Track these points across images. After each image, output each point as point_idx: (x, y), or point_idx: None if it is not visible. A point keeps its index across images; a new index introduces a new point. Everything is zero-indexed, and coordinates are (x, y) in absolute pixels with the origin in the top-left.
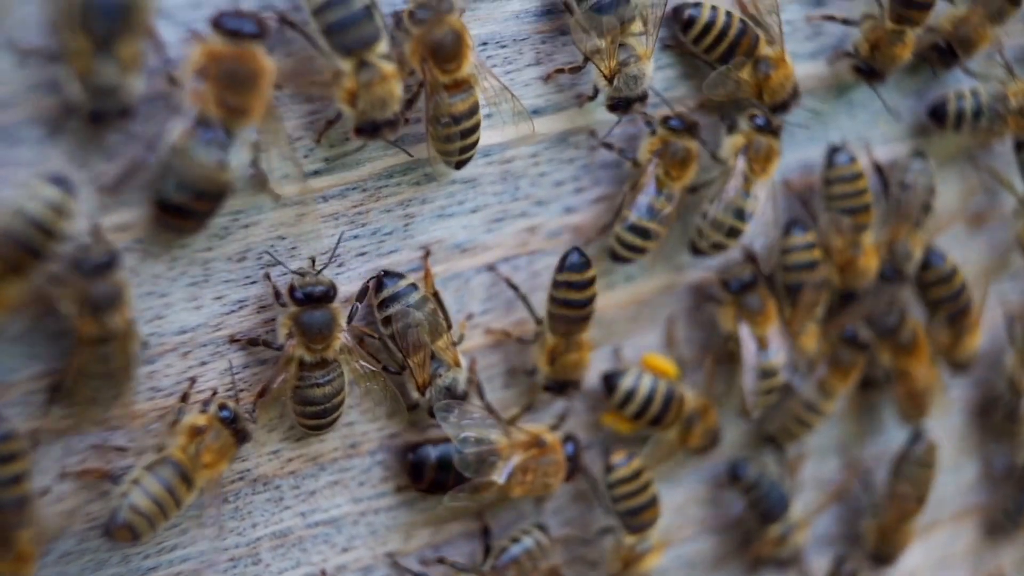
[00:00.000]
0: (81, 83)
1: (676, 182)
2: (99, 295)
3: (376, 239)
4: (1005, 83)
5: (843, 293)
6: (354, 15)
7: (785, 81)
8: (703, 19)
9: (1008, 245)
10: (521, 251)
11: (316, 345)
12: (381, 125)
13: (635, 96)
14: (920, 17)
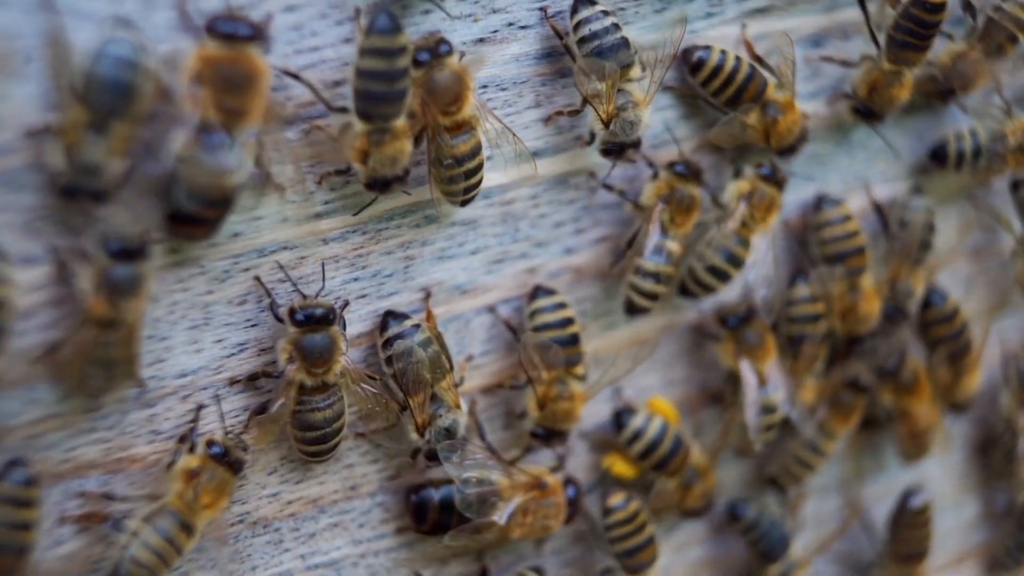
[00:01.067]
0: (66, 154)
1: (679, 228)
2: (120, 278)
3: (376, 281)
4: (1003, 122)
5: (849, 338)
6: (392, 93)
7: (793, 126)
8: (712, 62)
9: (1007, 283)
10: (521, 292)
11: (317, 369)
12: (391, 180)
13: (630, 142)
14: (917, 58)
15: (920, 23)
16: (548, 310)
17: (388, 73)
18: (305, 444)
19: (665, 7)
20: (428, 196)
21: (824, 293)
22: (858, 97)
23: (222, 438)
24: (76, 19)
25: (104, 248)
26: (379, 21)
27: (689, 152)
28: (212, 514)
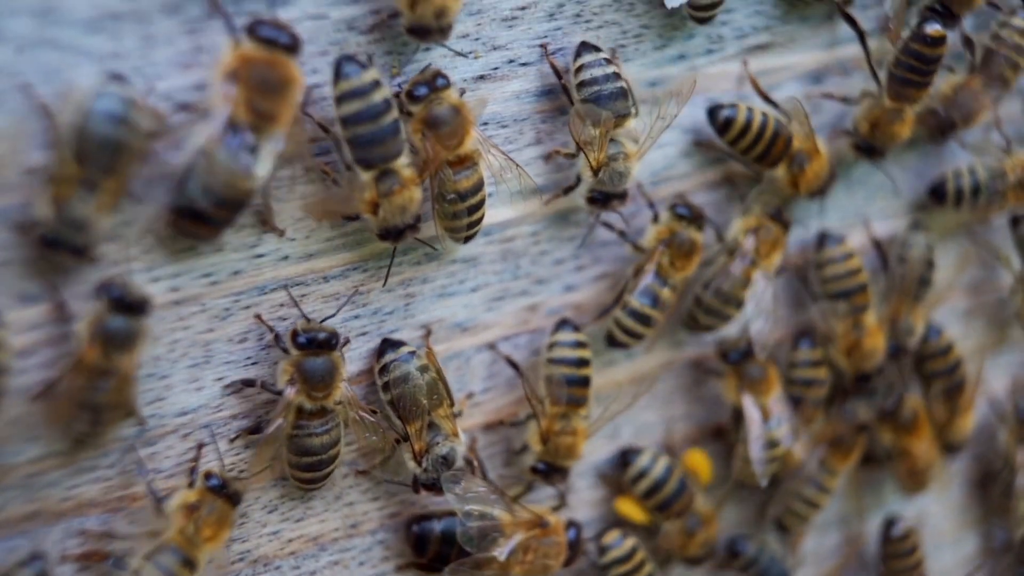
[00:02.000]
0: (53, 207)
1: (679, 272)
2: (116, 330)
3: (377, 319)
4: (1002, 159)
5: (855, 375)
6: (382, 131)
7: (820, 171)
8: (740, 120)
9: (1006, 319)
10: (522, 329)
11: (317, 393)
12: (404, 229)
13: (616, 193)
14: (919, 95)
15: (921, 58)
16: (568, 345)
17: (369, 111)
18: (299, 470)
19: (666, 44)
20: (428, 233)
21: (827, 330)
22: (859, 134)
23: (220, 470)
24: (76, 56)
25: (105, 295)
26: (341, 68)
27: (690, 189)
28: (214, 547)
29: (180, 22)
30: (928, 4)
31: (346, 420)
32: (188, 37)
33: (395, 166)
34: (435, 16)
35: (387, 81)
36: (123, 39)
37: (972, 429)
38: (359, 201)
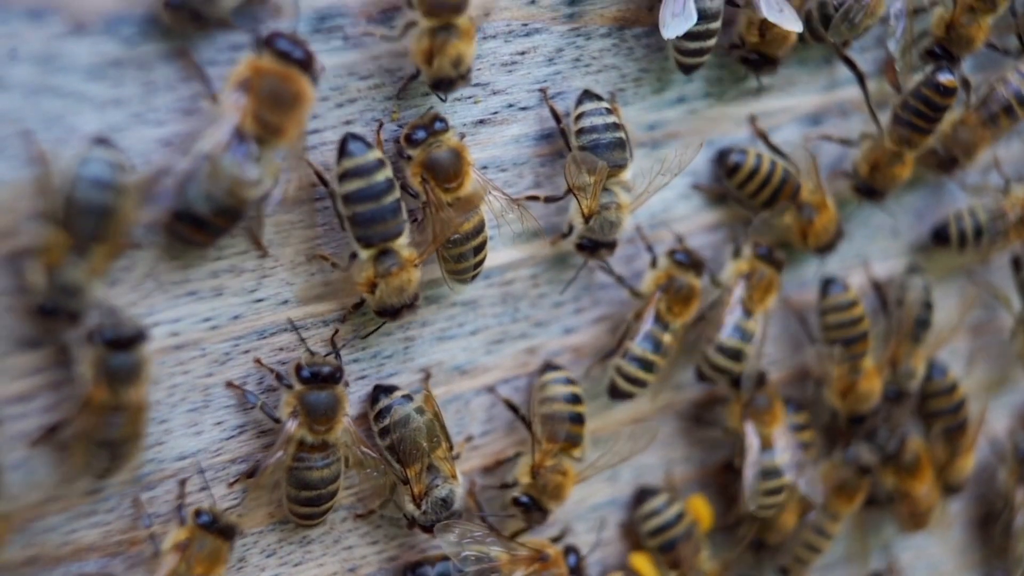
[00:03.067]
0: (46, 274)
1: (677, 318)
2: (119, 366)
3: (376, 362)
4: (1000, 199)
5: (849, 417)
6: (382, 210)
7: (829, 225)
8: (748, 166)
9: (1007, 360)
10: (521, 372)
11: (319, 426)
12: (400, 308)
13: (605, 241)
14: (921, 140)
15: (930, 105)
16: (560, 383)
17: (371, 190)
18: (298, 504)
19: (665, 87)
20: (433, 275)
21: (822, 373)
22: (859, 176)
23: (209, 506)
24: (77, 102)
25: (99, 338)
26: (347, 146)
27: (689, 231)
28: None
29: (181, 67)
30: (928, 47)
31: (347, 457)
32: (189, 83)
33: (395, 245)
34: (453, 65)
35: (389, 163)
36: (124, 85)
37: (972, 470)
38: (358, 282)
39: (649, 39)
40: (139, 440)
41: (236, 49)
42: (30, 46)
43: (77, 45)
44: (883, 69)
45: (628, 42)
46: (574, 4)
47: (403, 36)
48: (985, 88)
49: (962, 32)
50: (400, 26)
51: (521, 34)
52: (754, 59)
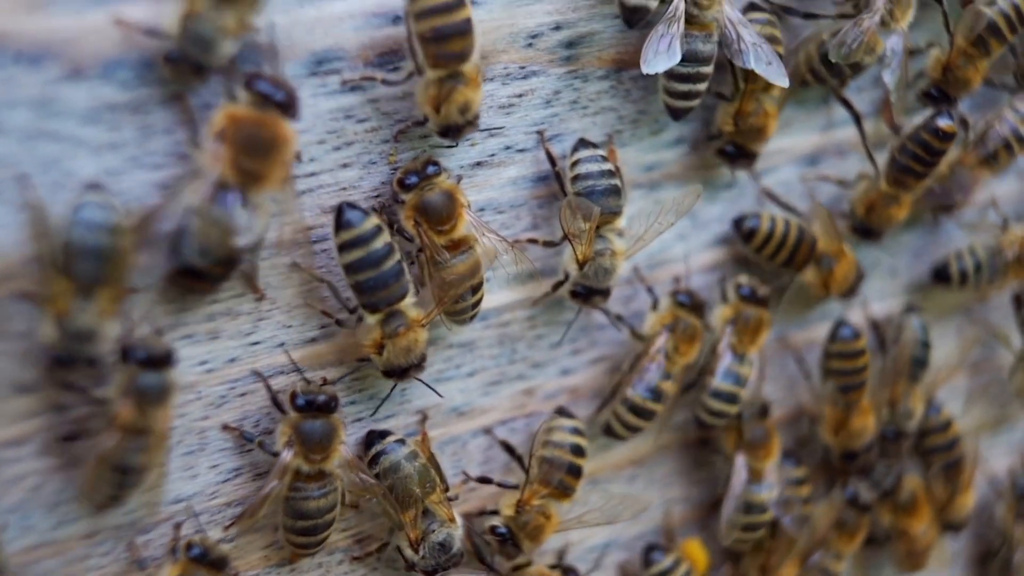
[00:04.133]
0: (56, 324)
1: (682, 358)
2: (149, 386)
3: (373, 404)
4: (998, 236)
5: (842, 453)
6: (384, 276)
7: (849, 272)
8: (763, 230)
9: (1005, 398)
10: (518, 413)
11: (315, 455)
12: (408, 369)
13: (599, 288)
14: (917, 184)
15: (928, 149)
16: (567, 430)
17: (371, 259)
18: (294, 534)
19: (662, 128)
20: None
21: (816, 410)
22: (856, 216)
23: (200, 539)
24: (74, 147)
25: (131, 358)
26: (343, 218)
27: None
28: None
29: (178, 111)
30: (925, 89)
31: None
32: (186, 127)
33: (401, 307)
34: (460, 112)
35: (385, 225)
36: (121, 129)
37: (972, 508)
38: (365, 344)
39: (646, 81)
40: (151, 471)
41: (232, 99)
42: (27, 91)
43: (74, 89)
44: (880, 110)
45: (625, 84)
46: (571, 47)
47: (407, 82)
48: (982, 126)
49: (958, 75)
50: (404, 72)
51: (519, 76)
52: (731, 151)
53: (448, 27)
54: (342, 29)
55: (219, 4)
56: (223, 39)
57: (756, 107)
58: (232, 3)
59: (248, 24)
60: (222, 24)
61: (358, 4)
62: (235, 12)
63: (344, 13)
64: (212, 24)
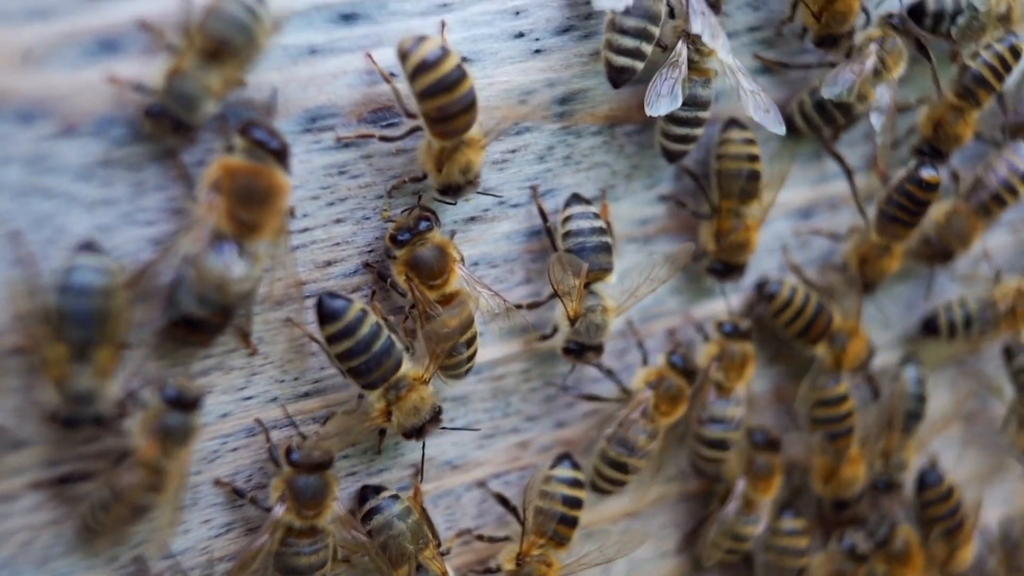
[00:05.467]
0: (57, 388)
1: (664, 418)
2: (174, 426)
3: (366, 458)
4: (991, 288)
5: (834, 502)
6: (377, 358)
7: (861, 351)
8: (782, 297)
9: (999, 449)
10: (512, 467)
11: (308, 511)
12: (423, 426)
13: (591, 344)
14: (906, 233)
15: (913, 200)
16: (564, 482)
17: (361, 345)
18: None
19: (655, 183)
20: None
21: (806, 461)
22: (849, 269)
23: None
24: (66, 203)
25: (161, 396)
26: (326, 309)
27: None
28: None
29: (171, 167)
30: (917, 146)
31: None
32: (180, 183)
33: (398, 375)
34: (462, 172)
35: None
36: (114, 186)
37: (971, 560)
38: (372, 419)
39: (640, 136)
40: (161, 510)
41: (228, 150)
42: (20, 147)
43: (67, 146)
44: (871, 164)
45: (618, 139)
46: (564, 103)
47: (404, 139)
48: (972, 177)
49: (949, 130)
50: (402, 130)
51: (512, 132)
52: (718, 268)
53: (453, 105)
54: (335, 86)
55: (206, 64)
56: (206, 99)
57: (735, 223)
58: (219, 63)
59: (233, 85)
60: (207, 84)
61: (351, 62)
62: (221, 72)
63: (337, 70)
64: (197, 83)
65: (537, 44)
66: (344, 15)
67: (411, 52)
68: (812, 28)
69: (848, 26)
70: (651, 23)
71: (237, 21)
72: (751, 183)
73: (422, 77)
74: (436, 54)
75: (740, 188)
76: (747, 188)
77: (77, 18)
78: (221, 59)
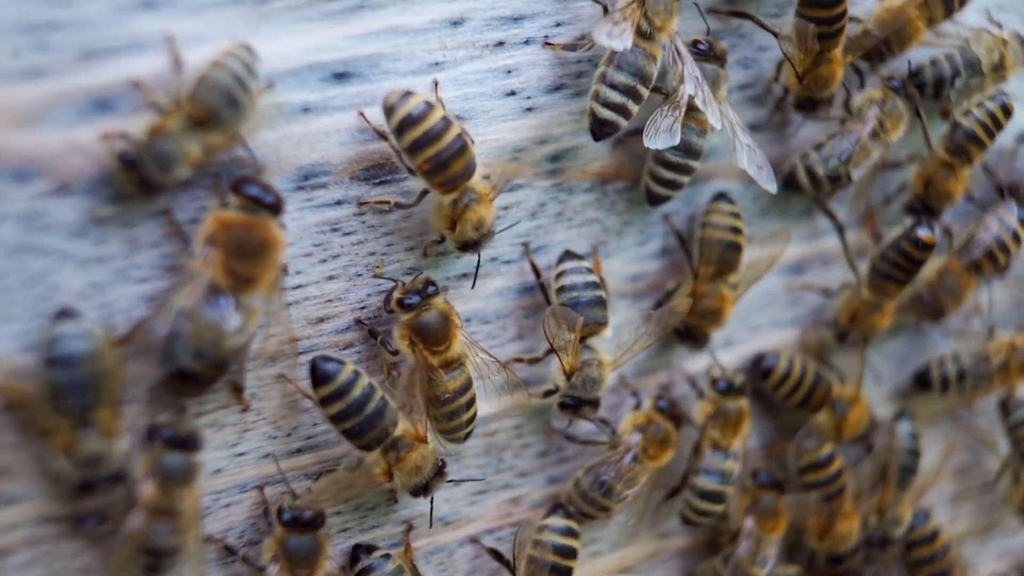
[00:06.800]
0: (66, 457)
1: (652, 462)
2: (173, 466)
3: (359, 514)
4: (984, 343)
5: (829, 556)
6: (370, 419)
7: (862, 418)
8: (780, 370)
9: (993, 504)
10: (505, 522)
11: (300, 571)
12: (427, 484)
13: (588, 399)
14: (899, 291)
15: (909, 258)
16: (558, 531)
17: (353, 408)
18: None
19: (647, 239)
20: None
21: (799, 520)
22: (840, 325)
23: None
24: (60, 260)
25: (157, 438)
26: (319, 372)
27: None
28: None
29: (164, 224)
30: (909, 203)
31: None
32: (172, 240)
33: (395, 435)
34: (475, 228)
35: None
36: (107, 243)
37: None
38: (375, 478)
39: (631, 193)
40: (182, 553)
41: (223, 206)
42: (14, 205)
43: (61, 204)
44: (862, 221)
45: (610, 196)
46: (556, 160)
47: (419, 204)
48: (966, 235)
49: (940, 187)
50: (416, 195)
51: (505, 189)
52: (682, 331)
53: (443, 152)
54: (328, 144)
55: (191, 129)
56: (182, 163)
57: (711, 289)
58: (203, 130)
59: (213, 153)
60: (187, 149)
61: (344, 120)
62: (204, 139)
63: (330, 128)
64: (178, 146)
65: (529, 102)
66: (337, 74)
67: (396, 108)
68: (794, 90)
69: (829, 92)
70: (641, 83)
71: (227, 93)
72: (731, 253)
73: (408, 132)
74: (421, 109)
75: (719, 256)
76: (726, 257)
77: (71, 78)
78: (206, 127)
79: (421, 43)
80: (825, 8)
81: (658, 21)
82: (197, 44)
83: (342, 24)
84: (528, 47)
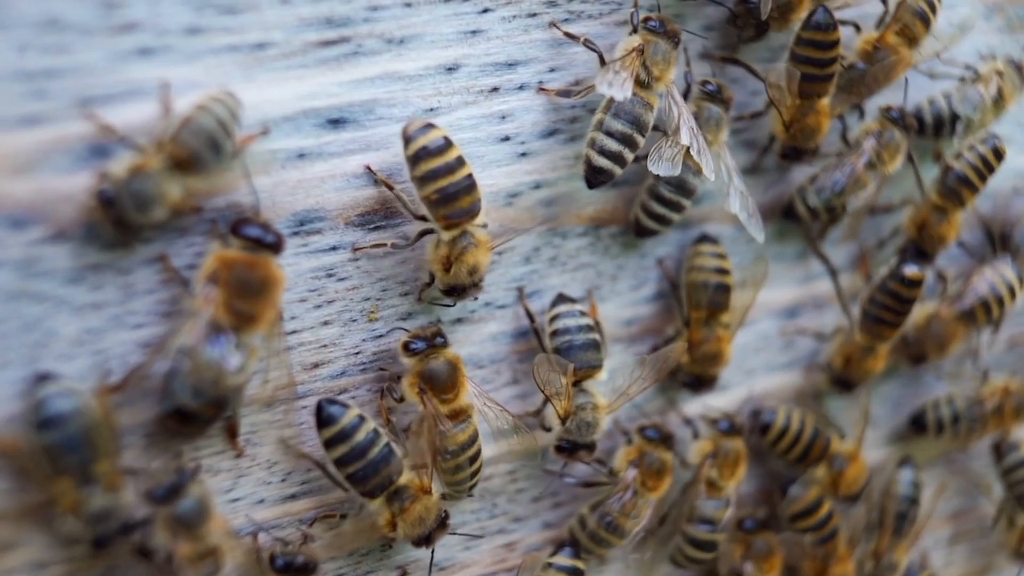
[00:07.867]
0: (76, 518)
1: (652, 492)
2: (184, 512)
3: (353, 560)
4: (979, 387)
5: None
6: (374, 464)
7: (859, 476)
8: (778, 425)
9: (988, 547)
10: (499, 568)
11: None
12: (429, 535)
13: (583, 443)
14: (891, 334)
15: (897, 298)
16: (563, 571)
17: (356, 451)
18: None
19: (641, 283)
20: None
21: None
22: (834, 369)
23: None
24: (55, 307)
25: (156, 499)
26: (323, 414)
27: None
28: None
29: (160, 271)
30: (902, 247)
31: None
32: (168, 286)
33: (399, 485)
34: (468, 274)
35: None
36: (103, 289)
37: None
38: (379, 528)
39: (625, 237)
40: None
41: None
42: (10, 252)
43: (57, 250)
44: (855, 264)
45: (604, 240)
46: (550, 205)
47: (415, 245)
48: (961, 283)
49: (933, 231)
50: (413, 238)
51: (506, 241)
52: (690, 382)
53: (453, 186)
54: (323, 190)
55: (171, 171)
56: (160, 205)
57: (706, 334)
58: (186, 173)
59: (193, 199)
60: (166, 191)
61: (339, 166)
62: (184, 183)
63: (325, 174)
64: (157, 187)
65: (523, 147)
66: (332, 120)
67: (414, 138)
68: (780, 138)
69: (814, 144)
70: (638, 131)
71: (210, 137)
72: (720, 294)
73: (423, 163)
74: (439, 143)
75: (709, 300)
76: (716, 299)
77: (68, 125)
78: (187, 170)
79: (416, 89)
80: (819, 49)
81: (656, 71)
82: (193, 91)
83: (337, 71)
84: (522, 92)
